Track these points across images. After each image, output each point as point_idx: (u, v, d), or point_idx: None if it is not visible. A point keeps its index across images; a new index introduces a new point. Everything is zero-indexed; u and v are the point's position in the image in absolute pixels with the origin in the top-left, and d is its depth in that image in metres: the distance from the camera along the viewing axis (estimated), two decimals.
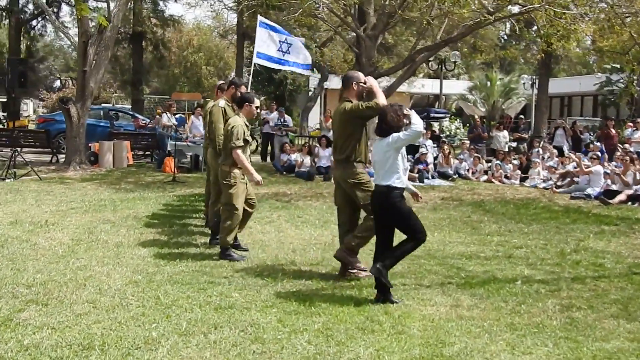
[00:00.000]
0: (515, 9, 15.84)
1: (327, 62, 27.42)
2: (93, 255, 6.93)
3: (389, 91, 18.59)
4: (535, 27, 18.62)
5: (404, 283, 6.27)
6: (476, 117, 37.63)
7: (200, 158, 15.96)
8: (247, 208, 7.29)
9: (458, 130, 28.96)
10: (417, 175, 15.94)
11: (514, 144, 19.48)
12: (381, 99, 6.22)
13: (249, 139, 7.51)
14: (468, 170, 17.05)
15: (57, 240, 7.64)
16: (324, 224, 9.41)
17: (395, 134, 5.63)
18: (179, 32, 41.65)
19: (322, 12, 18.23)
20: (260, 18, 12.65)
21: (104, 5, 17.95)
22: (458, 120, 32.07)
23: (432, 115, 22.84)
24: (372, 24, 17.06)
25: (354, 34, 18.12)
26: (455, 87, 39.12)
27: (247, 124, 7.30)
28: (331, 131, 19.27)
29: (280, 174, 16.53)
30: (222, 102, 7.83)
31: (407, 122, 5.74)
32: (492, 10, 13.41)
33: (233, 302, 5.37)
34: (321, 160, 16.63)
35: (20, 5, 23.98)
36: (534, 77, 30.54)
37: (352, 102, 6.51)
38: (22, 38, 25.58)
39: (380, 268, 5.59)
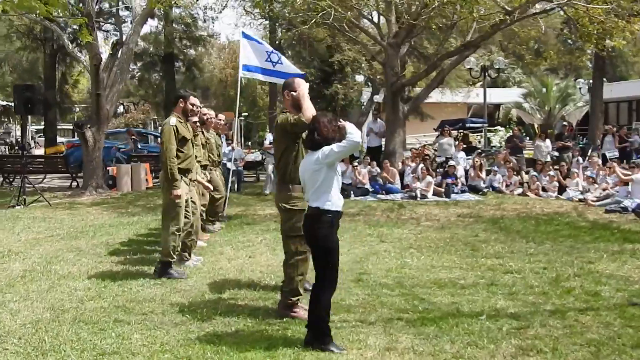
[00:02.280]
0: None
1: (378, 76, 26.65)
2: (28, 289, 6.44)
3: (416, 101, 17.77)
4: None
5: (345, 319, 5.45)
6: (536, 125, 36.12)
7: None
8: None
9: (503, 142, 27.47)
10: (443, 190, 14.94)
11: (557, 154, 18.07)
12: (307, 112, 5.41)
13: None
14: (502, 183, 15.88)
15: (7, 272, 7.21)
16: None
17: (326, 147, 4.77)
18: (219, 51, 41.67)
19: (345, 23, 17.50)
20: (243, 30, 12.08)
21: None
22: (507, 129, 30.58)
23: (467, 125, 21.62)
24: (394, 32, 16.27)
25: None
26: (508, 95, 37.47)
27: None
28: None
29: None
30: (173, 120, 7.18)
31: (343, 133, 4.93)
32: (509, 9, 12.37)
33: (126, 346, 4.71)
34: (344, 177, 15.86)
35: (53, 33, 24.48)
36: (590, 81, 28.73)
37: (286, 114, 5.78)
38: (57, 65, 26.13)
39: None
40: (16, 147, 25.57)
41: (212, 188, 8.69)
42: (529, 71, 41.50)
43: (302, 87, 5.63)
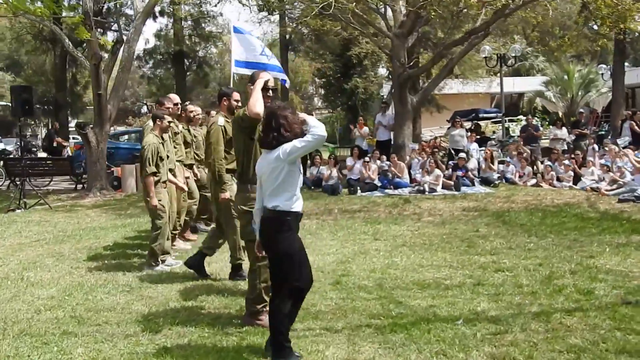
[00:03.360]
0: None
1: None
2: None
3: (425, 92, 17.25)
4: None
5: (310, 327, 5.07)
6: (560, 113, 35.14)
7: None
8: None
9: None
10: (452, 183, 14.44)
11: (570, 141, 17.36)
12: (252, 105, 4.96)
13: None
14: (515, 174, 15.31)
15: None
16: (309, 248, 8.20)
17: (287, 144, 4.31)
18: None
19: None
20: (234, 23, 11.65)
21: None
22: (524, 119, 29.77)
23: (481, 115, 20.94)
24: (400, 22, 15.78)
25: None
26: (531, 83, 36.52)
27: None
28: (365, 140, 18.17)
29: (308, 188, 15.49)
30: (220, 120, 6.74)
31: (305, 128, 4.51)
32: None
33: None
34: (353, 173, 15.46)
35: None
36: (611, 66, 27.79)
37: (242, 109, 5.39)
38: (67, 66, 26.12)
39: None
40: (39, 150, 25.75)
41: (186, 189, 8.31)
42: (554, 58, 40.46)
43: (260, 79, 5.24)
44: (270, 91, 5.33)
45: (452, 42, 15.25)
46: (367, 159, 15.50)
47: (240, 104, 6.82)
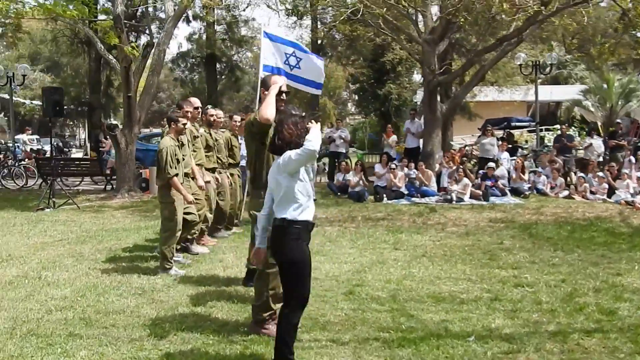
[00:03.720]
0: None
1: None
2: (4, 297, 6.19)
3: (455, 100, 17.00)
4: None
5: (317, 338, 4.95)
6: (599, 124, 34.29)
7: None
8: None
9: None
10: (481, 192, 14.16)
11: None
12: (263, 110, 4.91)
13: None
14: (546, 185, 14.95)
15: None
16: (327, 256, 8.13)
17: (287, 153, 4.24)
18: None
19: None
20: (264, 28, 11.59)
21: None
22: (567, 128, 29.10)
23: (513, 124, 20.50)
24: (430, 27, 15.58)
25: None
26: (569, 92, 35.78)
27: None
28: (393, 148, 17.98)
29: (334, 195, 15.38)
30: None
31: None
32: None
33: None
34: (380, 180, 15.29)
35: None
36: None
37: (253, 113, 5.34)
38: (101, 69, 26.48)
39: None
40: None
41: (204, 187, 8.31)
42: (594, 67, 39.54)
43: (275, 85, 5.15)
44: (284, 94, 5.28)
45: (484, 48, 14.98)
46: (393, 165, 15.33)
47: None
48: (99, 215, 12.49)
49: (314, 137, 4.18)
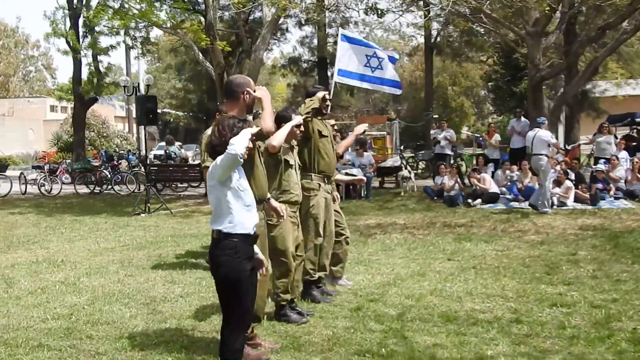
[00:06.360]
0: None
1: None
2: (25, 302, 6.37)
3: (562, 96, 15.66)
4: None
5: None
6: None
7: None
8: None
9: None
10: (588, 195, 12.86)
11: None
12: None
13: None
14: None
15: (36, 282, 7.31)
16: (367, 266, 7.73)
17: (217, 159, 3.93)
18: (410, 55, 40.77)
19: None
20: (341, 31, 11.22)
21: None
22: None
23: (638, 119, 18.36)
24: (534, 19, 14.44)
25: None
26: None
27: None
28: (496, 148, 16.87)
29: (430, 199, 14.71)
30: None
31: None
32: None
33: None
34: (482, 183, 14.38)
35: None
36: None
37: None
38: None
39: None
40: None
41: None
42: None
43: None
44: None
45: (587, 39, 13.59)
46: (473, 169, 14.49)
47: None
48: (185, 220, 12.81)
49: (237, 141, 3.82)
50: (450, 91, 55.60)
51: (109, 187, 19.26)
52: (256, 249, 4.20)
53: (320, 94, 6.19)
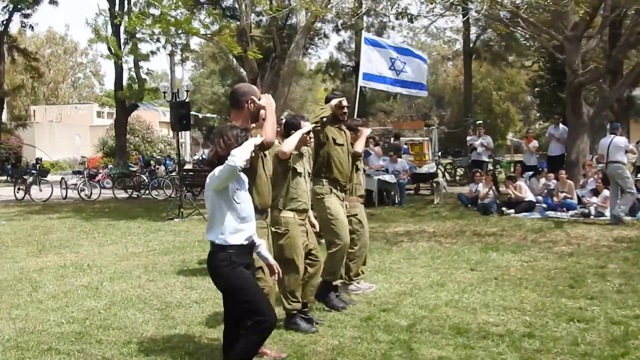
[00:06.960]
0: None
1: None
2: (42, 306, 6.47)
3: (603, 103, 15.28)
4: None
5: None
6: None
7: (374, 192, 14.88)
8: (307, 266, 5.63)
9: None
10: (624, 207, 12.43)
11: None
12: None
13: None
14: None
15: (60, 286, 7.45)
16: (387, 275, 7.63)
17: (217, 169, 3.93)
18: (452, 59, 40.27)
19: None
20: (365, 34, 11.15)
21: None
22: None
23: None
24: (572, 23, 14.11)
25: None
26: None
27: None
28: (534, 155, 16.50)
29: (465, 207, 14.51)
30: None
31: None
32: None
33: None
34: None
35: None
36: None
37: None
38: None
39: None
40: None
41: None
42: None
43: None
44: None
45: (627, 44, 13.18)
46: (508, 177, 14.22)
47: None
48: None
49: (238, 152, 3.82)
50: (495, 96, 54.77)
51: (147, 192, 19.57)
52: (267, 254, 4.20)
53: (334, 102, 6.10)
